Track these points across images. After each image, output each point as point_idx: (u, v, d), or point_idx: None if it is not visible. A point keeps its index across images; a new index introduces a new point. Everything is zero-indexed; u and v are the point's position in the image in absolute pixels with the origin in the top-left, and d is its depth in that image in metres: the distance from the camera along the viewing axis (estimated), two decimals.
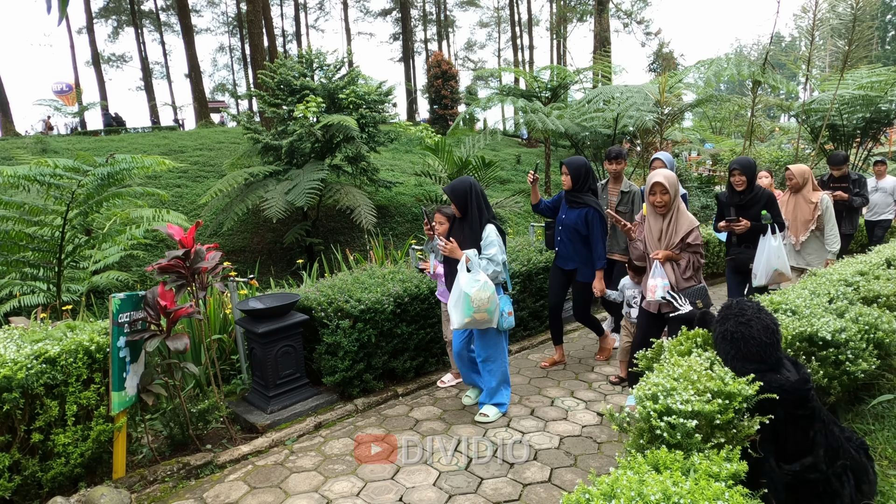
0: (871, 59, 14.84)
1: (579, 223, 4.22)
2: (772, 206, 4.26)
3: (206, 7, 41.51)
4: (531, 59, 35.72)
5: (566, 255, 4.34)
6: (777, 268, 4.14)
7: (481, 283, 3.37)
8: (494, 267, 3.51)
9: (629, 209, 4.57)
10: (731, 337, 2.02)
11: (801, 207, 4.80)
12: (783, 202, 5.02)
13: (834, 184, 6.26)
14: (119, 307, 2.82)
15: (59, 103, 28.19)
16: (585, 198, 4.21)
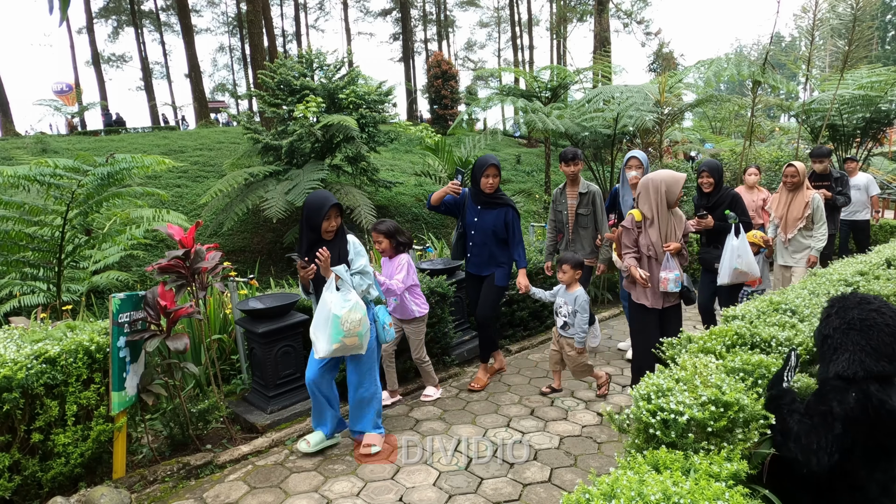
0: (871, 59, 14.86)
1: (498, 225, 3.97)
2: (736, 205, 4.24)
3: (206, 7, 41.52)
4: (531, 59, 35.72)
5: (481, 261, 4.07)
6: (738, 267, 4.09)
7: (352, 303, 3.01)
8: (368, 280, 3.20)
9: (590, 211, 4.48)
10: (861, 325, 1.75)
11: (796, 205, 4.84)
12: (776, 198, 5.07)
13: (816, 182, 6.05)
14: (119, 307, 2.82)
15: (59, 103, 28.20)
16: (504, 197, 4.02)
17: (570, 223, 4.54)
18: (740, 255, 4.09)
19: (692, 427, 1.63)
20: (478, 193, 4.01)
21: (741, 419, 1.67)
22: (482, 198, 3.99)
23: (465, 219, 4.10)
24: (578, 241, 4.56)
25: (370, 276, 3.24)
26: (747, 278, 4.22)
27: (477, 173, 3.97)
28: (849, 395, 1.67)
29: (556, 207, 4.64)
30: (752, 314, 2.58)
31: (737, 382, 1.85)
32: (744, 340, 2.28)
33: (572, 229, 4.55)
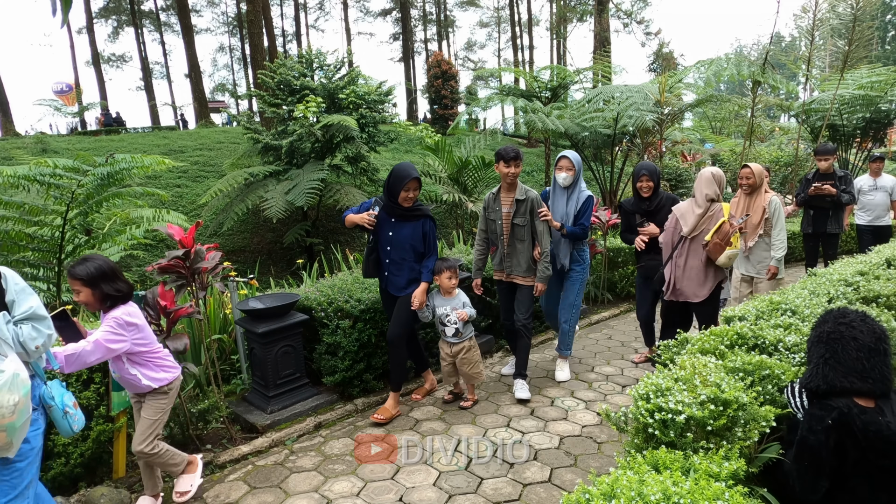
0: (871, 59, 14.86)
1: (416, 238, 3.64)
2: None
3: (206, 7, 41.53)
4: (531, 59, 35.72)
5: (401, 279, 3.67)
6: None
7: (7, 375, 1.83)
8: (46, 331, 2.03)
9: (527, 221, 3.84)
10: (828, 338, 1.71)
11: (754, 210, 4.49)
12: (734, 203, 4.70)
13: (820, 180, 5.85)
14: None
15: (59, 103, 28.21)
16: (422, 208, 3.69)
17: (505, 235, 3.90)
18: None
19: (691, 426, 1.63)
20: (394, 206, 3.61)
21: (741, 417, 1.67)
22: (399, 210, 3.61)
23: (379, 234, 3.67)
24: (514, 255, 3.91)
25: (49, 325, 2.07)
26: None
27: (395, 186, 3.54)
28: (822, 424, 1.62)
29: (488, 215, 3.98)
30: (752, 315, 2.58)
31: (736, 381, 1.85)
32: (744, 341, 2.28)
33: (507, 242, 3.91)
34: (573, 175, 4.03)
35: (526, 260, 3.88)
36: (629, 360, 4.78)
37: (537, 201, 3.82)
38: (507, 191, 3.91)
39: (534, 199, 3.83)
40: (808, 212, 6.03)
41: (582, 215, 4.06)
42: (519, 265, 3.91)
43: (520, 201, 3.84)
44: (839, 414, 1.61)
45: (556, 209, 4.11)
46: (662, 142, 10.21)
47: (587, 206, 4.07)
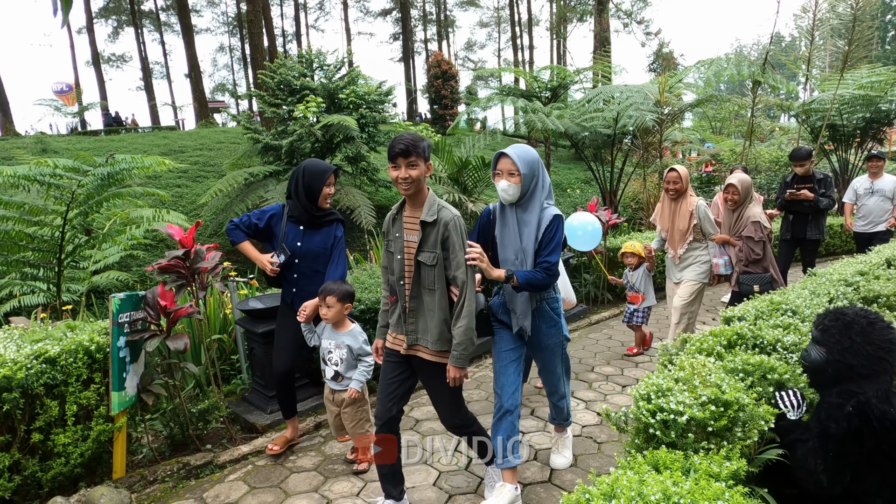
0: (871, 59, 14.87)
1: (328, 247, 3.12)
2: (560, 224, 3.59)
3: (206, 7, 41.54)
4: (531, 59, 35.74)
5: (309, 296, 3.04)
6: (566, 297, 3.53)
7: None
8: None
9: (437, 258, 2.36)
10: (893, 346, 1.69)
11: (681, 216, 4.29)
12: (658, 209, 4.48)
13: (798, 184, 5.61)
14: (119, 307, 2.82)
15: (59, 103, 28.20)
16: (334, 212, 3.20)
17: (406, 279, 2.44)
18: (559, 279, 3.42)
19: (692, 427, 1.63)
20: (305, 210, 3.06)
21: (741, 418, 1.67)
22: (308, 216, 3.07)
23: (285, 244, 3.09)
24: (420, 313, 2.44)
25: None
26: (566, 305, 3.60)
27: (314, 184, 3.01)
28: (843, 411, 1.63)
29: (388, 247, 2.53)
30: (751, 315, 2.58)
31: (737, 382, 1.85)
32: (744, 341, 2.28)
33: (409, 290, 2.44)
34: (519, 184, 2.51)
35: (439, 322, 2.40)
36: (630, 360, 4.78)
37: (455, 228, 2.35)
38: (412, 205, 2.44)
39: (450, 222, 2.35)
40: (787, 217, 5.79)
41: (546, 247, 2.53)
42: (426, 330, 2.43)
43: (427, 225, 2.37)
44: (857, 402, 1.64)
45: (505, 241, 2.63)
46: (667, 149, 10.22)
47: (554, 231, 2.54)
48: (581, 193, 16.93)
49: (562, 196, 16.59)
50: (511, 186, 2.53)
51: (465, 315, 2.34)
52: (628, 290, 4.91)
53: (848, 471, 1.62)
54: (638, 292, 4.79)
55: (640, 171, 10.67)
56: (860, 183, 6.19)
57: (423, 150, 2.33)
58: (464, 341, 2.35)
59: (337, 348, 2.98)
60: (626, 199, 11.65)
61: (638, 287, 4.80)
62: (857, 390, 1.66)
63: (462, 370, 2.40)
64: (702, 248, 4.32)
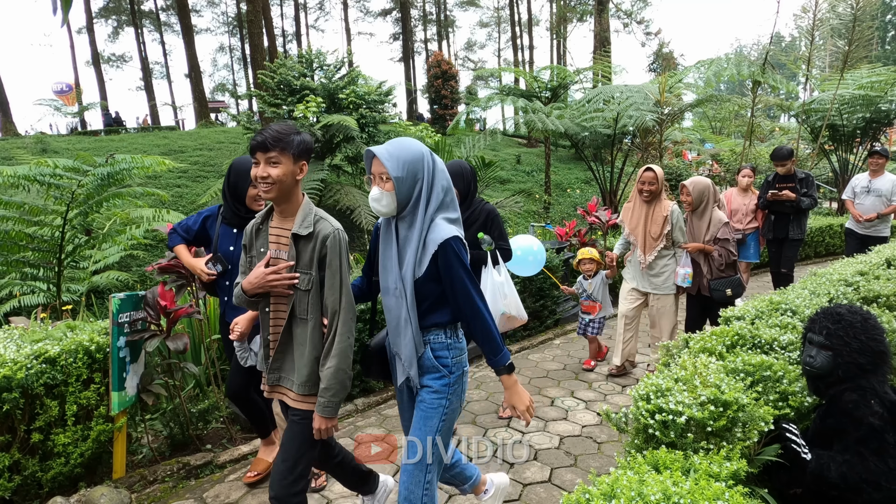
0: (871, 59, 14.87)
1: None
2: (493, 225, 3.16)
3: (206, 7, 41.55)
4: (531, 59, 35.74)
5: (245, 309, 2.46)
6: (505, 311, 3.07)
7: None
8: None
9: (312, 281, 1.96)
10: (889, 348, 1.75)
11: (654, 220, 4.05)
12: (627, 209, 4.23)
13: (780, 184, 5.53)
14: (119, 307, 2.82)
15: (59, 103, 28.20)
16: None
17: (273, 306, 2.03)
18: (506, 295, 3.07)
19: (692, 427, 1.64)
20: (237, 212, 2.79)
21: (740, 418, 1.67)
22: (238, 218, 2.77)
23: (217, 250, 2.84)
24: (288, 348, 2.02)
25: None
26: (515, 324, 3.27)
27: (239, 183, 2.74)
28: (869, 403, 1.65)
29: (251, 265, 2.10)
30: (751, 314, 2.58)
31: (737, 382, 1.85)
32: (745, 341, 2.28)
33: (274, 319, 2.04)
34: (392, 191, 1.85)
35: (310, 361, 1.97)
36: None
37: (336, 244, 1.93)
38: (280, 216, 2.01)
39: (329, 238, 1.93)
40: (770, 217, 5.73)
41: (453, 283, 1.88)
42: (293, 369, 2.01)
43: (301, 239, 1.95)
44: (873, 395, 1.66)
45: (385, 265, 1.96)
46: (669, 150, 10.22)
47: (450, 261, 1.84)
48: (581, 193, 16.95)
49: (562, 196, 16.61)
50: (383, 195, 1.85)
51: (335, 353, 1.91)
52: (583, 299, 4.58)
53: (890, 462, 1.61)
54: (595, 301, 4.52)
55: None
56: (859, 181, 6.03)
57: (291, 144, 1.90)
58: (332, 386, 1.91)
59: None
60: (625, 199, 11.66)
61: (595, 296, 4.52)
62: (867, 385, 1.68)
63: (330, 421, 1.96)
64: (671, 256, 4.09)
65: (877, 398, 1.66)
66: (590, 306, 4.55)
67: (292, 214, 1.99)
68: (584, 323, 4.59)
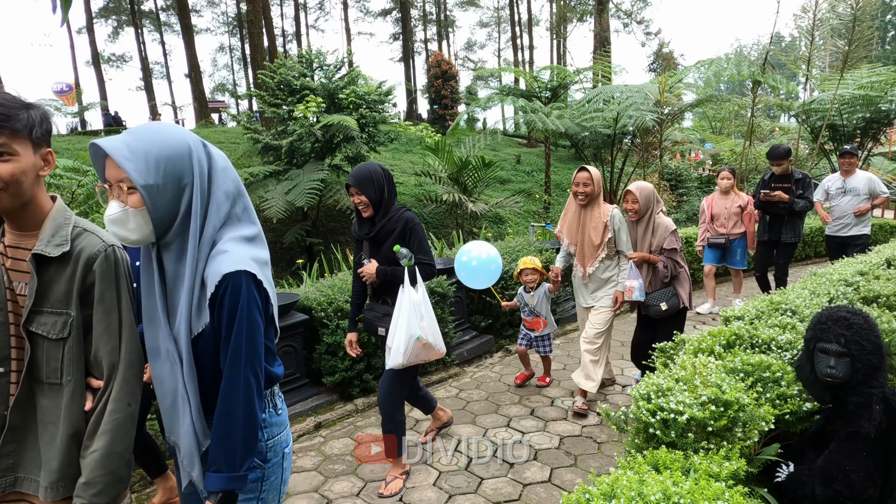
0: (871, 59, 14.87)
1: None
2: (412, 235, 2.72)
3: (206, 7, 41.55)
4: (531, 59, 35.74)
5: None
6: (420, 336, 2.62)
7: None
8: None
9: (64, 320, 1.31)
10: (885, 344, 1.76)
11: (591, 227, 3.61)
12: (565, 216, 3.81)
13: (775, 184, 5.32)
14: None
15: (59, 103, 28.20)
16: None
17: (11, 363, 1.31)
18: (423, 317, 2.65)
19: (692, 427, 1.64)
20: None
21: (741, 418, 1.67)
22: None
23: None
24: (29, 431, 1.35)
25: None
26: (433, 355, 2.76)
27: None
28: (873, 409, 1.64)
29: None
30: (751, 314, 2.58)
31: (737, 382, 1.85)
32: (742, 341, 2.28)
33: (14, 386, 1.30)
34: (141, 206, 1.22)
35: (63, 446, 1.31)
36: (630, 359, 4.78)
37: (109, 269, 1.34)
38: (14, 229, 1.35)
39: (97, 259, 1.33)
40: (765, 218, 5.54)
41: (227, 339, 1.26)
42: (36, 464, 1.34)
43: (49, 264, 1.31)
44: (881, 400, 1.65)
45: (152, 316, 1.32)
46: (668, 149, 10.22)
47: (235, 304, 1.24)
48: None
49: (562, 196, 16.60)
50: (128, 215, 1.23)
51: (107, 429, 1.29)
52: (525, 314, 4.13)
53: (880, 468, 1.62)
54: (538, 316, 4.06)
55: (640, 171, 10.67)
56: (831, 182, 5.73)
57: (24, 124, 1.24)
58: (98, 480, 1.27)
59: None
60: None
61: (538, 310, 4.05)
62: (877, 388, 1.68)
63: None
64: (614, 266, 3.68)
65: (882, 403, 1.65)
66: (533, 322, 4.09)
67: (35, 227, 1.32)
68: (530, 339, 4.14)
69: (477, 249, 3.72)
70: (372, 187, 2.64)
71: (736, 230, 5.71)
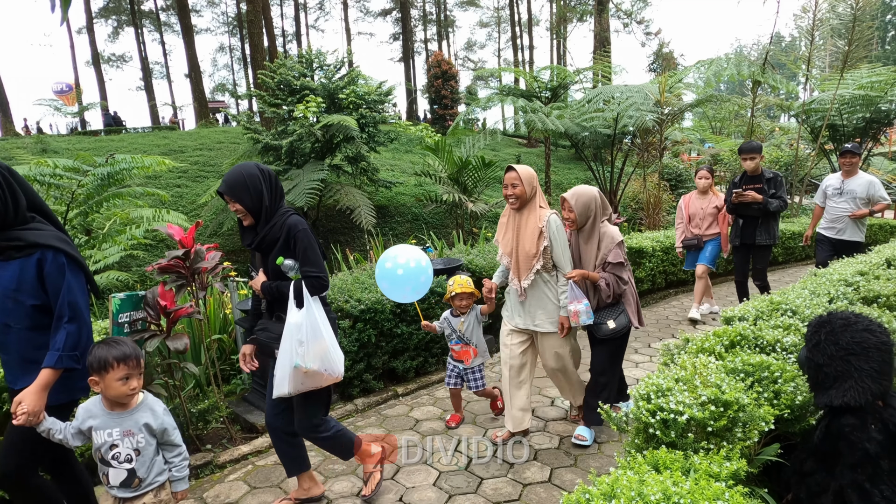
0: (871, 59, 14.86)
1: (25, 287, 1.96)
2: (297, 244, 2.38)
3: (206, 7, 41.60)
4: (531, 59, 35.76)
5: (11, 366, 2.04)
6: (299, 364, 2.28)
7: None
8: None
9: None
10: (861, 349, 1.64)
11: (527, 234, 3.11)
12: (502, 223, 3.30)
13: (746, 185, 5.09)
14: (119, 307, 2.82)
15: (59, 103, 28.22)
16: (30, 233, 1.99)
17: None
18: (302, 342, 2.30)
19: (692, 427, 1.64)
20: None
21: (741, 418, 1.67)
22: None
23: None
24: None
25: None
26: (322, 381, 2.40)
27: None
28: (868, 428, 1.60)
29: None
30: (752, 315, 2.58)
31: (737, 382, 1.85)
32: (747, 342, 2.28)
33: None
34: None
35: None
36: (630, 360, 4.78)
37: None
38: None
39: None
40: (738, 221, 5.24)
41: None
42: None
43: None
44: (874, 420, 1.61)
45: None
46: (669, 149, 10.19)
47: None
48: None
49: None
50: None
51: None
52: (452, 342, 3.50)
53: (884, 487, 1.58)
54: (468, 344, 3.45)
55: (640, 171, 10.67)
56: (830, 182, 5.44)
57: None
58: None
59: (126, 437, 1.99)
60: (626, 199, 11.67)
61: (468, 337, 3.44)
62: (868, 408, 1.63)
63: None
64: (554, 281, 3.16)
65: (879, 422, 1.60)
66: (462, 352, 3.46)
67: None
68: (458, 373, 3.52)
69: (405, 255, 3.11)
70: (247, 193, 2.32)
71: (710, 231, 5.56)
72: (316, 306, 2.38)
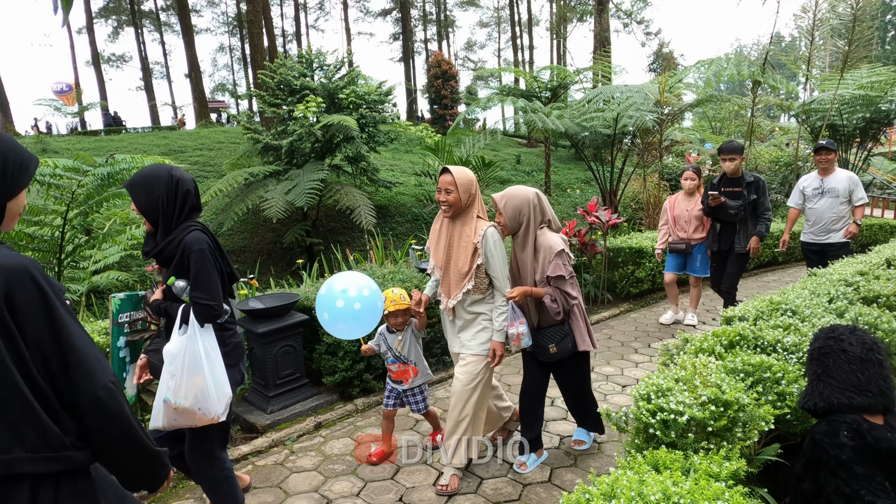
0: (871, 59, 14.86)
1: None
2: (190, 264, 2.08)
3: (206, 7, 41.57)
4: (531, 59, 35.75)
5: None
6: (169, 398, 2.04)
7: None
8: None
9: None
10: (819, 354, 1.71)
11: (460, 246, 2.75)
12: (434, 231, 2.92)
13: (725, 187, 4.80)
14: (119, 307, 2.82)
15: (59, 103, 28.22)
16: None
17: None
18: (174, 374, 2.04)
19: (692, 427, 1.64)
20: None
21: (741, 418, 1.67)
22: None
23: None
24: None
25: None
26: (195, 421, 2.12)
27: None
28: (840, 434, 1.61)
29: None
30: (752, 315, 2.58)
31: (737, 382, 1.85)
32: (746, 342, 2.28)
33: None
34: None
35: None
36: (629, 360, 4.78)
37: None
38: None
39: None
40: (715, 226, 5.02)
41: None
42: None
43: None
44: (848, 428, 1.60)
45: None
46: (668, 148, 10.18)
47: None
48: (581, 193, 16.94)
49: (562, 196, 16.60)
50: None
51: None
52: (389, 361, 3.11)
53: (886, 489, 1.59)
54: (406, 363, 3.08)
55: (640, 171, 10.67)
56: (808, 182, 5.12)
57: None
58: None
59: None
60: (626, 200, 11.66)
61: (405, 356, 3.06)
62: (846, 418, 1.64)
63: None
64: (489, 300, 2.79)
65: (850, 430, 1.61)
66: (401, 371, 3.09)
67: None
68: (397, 395, 3.15)
69: (356, 284, 2.72)
70: (143, 193, 2.07)
71: (697, 234, 5.28)
72: (204, 337, 2.09)
